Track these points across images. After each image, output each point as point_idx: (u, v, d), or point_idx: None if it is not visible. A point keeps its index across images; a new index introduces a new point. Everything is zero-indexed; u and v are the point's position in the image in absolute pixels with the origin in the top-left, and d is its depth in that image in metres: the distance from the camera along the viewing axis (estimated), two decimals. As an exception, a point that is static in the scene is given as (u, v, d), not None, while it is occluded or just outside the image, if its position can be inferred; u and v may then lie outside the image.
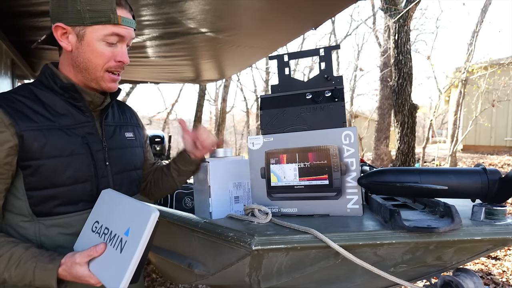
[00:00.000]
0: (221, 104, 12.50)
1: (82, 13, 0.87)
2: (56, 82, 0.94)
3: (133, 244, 0.77)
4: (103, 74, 0.94)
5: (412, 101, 4.84)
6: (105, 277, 0.78)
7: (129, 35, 0.96)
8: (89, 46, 0.91)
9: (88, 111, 0.98)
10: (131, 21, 0.95)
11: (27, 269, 0.82)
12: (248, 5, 2.57)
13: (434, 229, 0.85)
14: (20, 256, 0.83)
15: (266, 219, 1.02)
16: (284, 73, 1.26)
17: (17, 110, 0.86)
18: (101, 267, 0.80)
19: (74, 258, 0.82)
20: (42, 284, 0.83)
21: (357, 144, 1.09)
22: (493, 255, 3.56)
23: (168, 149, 5.42)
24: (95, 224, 0.88)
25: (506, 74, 9.01)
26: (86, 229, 0.90)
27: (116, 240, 0.80)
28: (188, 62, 4.45)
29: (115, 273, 0.76)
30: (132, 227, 0.79)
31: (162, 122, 16.94)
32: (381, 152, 9.58)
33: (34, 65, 4.73)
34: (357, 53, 24.38)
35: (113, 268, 0.77)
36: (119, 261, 0.77)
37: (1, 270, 0.82)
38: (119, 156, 1.04)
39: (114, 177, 1.01)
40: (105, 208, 0.90)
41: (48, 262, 0.83)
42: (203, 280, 1.17)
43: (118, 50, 0.94)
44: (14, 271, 0.82)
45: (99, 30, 0.90)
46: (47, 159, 0.87)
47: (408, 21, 4.75)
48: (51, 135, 0.88)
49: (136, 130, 1.17)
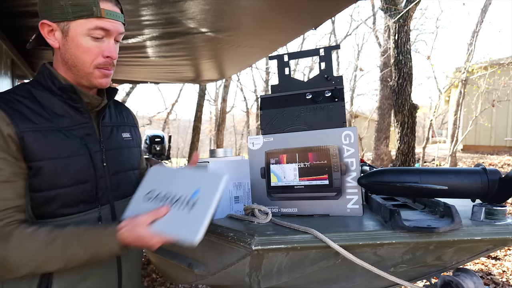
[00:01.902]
0: (221, 104, 12.50)
1: (65, 8, 0.86)
2: (55, 82, 0.93)
3: (206, 201, 0.82)
4: (92, 70, 0.93)
5: (412, 101, 4.84)
6: (178, 233, 0.82)
7: (115, 29, 0.92)
8: (74, 42, 0.89)
9: (86, 112, 0.97)
10: (117, 14, 0.92)
11: (88, 238, 0.83)
12: (248, 5, 2.57)
13: (434, 229, 0.85)
14: (76, 232, 0.84)
15: (266, 219, 1.02)
16: (284, 73, 1.26)
17: (17, 111, 0.85)
18: (168, 226, 0.84)
19: (136, 220, 0.84)
20: (106, 250, 0.84)
21: (357, 144, 1.09)
22: (493, 255, 3.56)
23: (168, 149, 5.43)
24: (148, 194, 0.94)
25: (506, 74, 9.01)
26: (136, 200, 0.96)
27: (182, 202, 0.86)
28: (188, 62, 4.45)
29: (189, 228, 0.80)
30: (202, 189, 0.86)
31: (162, 122, 16.95)
32: (381, 152, 9.59)
33: (34, 65, 4.73)
34: (357, 53, 24.40)
35: (185, 224, 0.82)
36: (191, 218, 0.82)
37: (63, 249, 0.81)
38: (116, 156, 1.03)
39: (112, 177, 1.00)
40: (160, 180, 0.96)
41: (105, 228, 0.85)
42: (203, 280, 1.17)
43: (105, 45, 0.92)
44: (76, 246, 0.82)
45: (82, 25, 0.88)
46: (48, 160, 0.87)
47: (408, 21, 4.75)
48: (50, 136, 0.88)
49: (132, 130, 1.16)
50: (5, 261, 0.79)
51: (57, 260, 0.82)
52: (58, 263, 0.82)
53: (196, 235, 0.78)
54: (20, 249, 0.79)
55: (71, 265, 0.84)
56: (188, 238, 0.79)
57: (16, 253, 0.79)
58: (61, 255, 0.82)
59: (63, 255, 0.82)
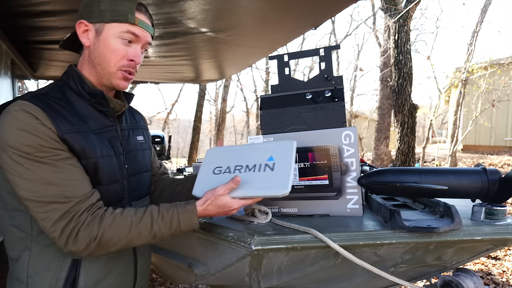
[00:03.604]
0: (221, 104, 12.50)
1: (103, 12, 0.95)
2: (84, 87, 0.97)
3: (284, 162, 0.94)
4: (115, 70, 0.98)
5: (412, 101, 4.84)
6: (266, 190, 0.91)
7: (144, 37, 1.00)
8: (104, 42, 0.96)
9: (112, 116, 1.02)
10: (148, 25, 1.01)
11: (171, 216, 0.92)
12: (248, 5, 2.57)
13: (434, 229, 0.85)
14: (159, 210, 0.92)
15: (266, 219, 1.02)
16: (284, 73, 1.26)
17: (57, 113, 0.89)
18: (249, 189, 0.93)
19: (215, 192, 0.93)
20: (187, 223, 0.93)
21: (357, 144, 1.09)
22: (493, 255, 3.56)
23: (168, 149, 5.42)
24: (216, 169, 1.02)
25: (506, 74, 9.01)
26: (204, 176, 1.04)
27: (259, 168, 0.96)
28: (188, 62, 4.45)
29: (277, 182, 0.90)
30: (275, 156, 0.97)
31: (162, 122, 16.94)
32: (381, 152, 9.58)
33: (34, 65, 4.73)
34: (357, 53, 24.35)
35: (271, 181, 0.92)
36: (275, 175, 0.92)
37: (150, 225, 0.90)
38: (134, 158, 1.08)
39: (130, 179, 1.05)
40: (223, 157, 1.05)
41: (185, 205, 0.94)
42: (203, 280, 1.17)
43: (132, 50, 0.99)
44: (162, 222, 0.91)
45: (116, 28, 0.96)
46: (88, 159, 0.91)
47: (408, 21, 4.75)
48: (88, 137, 0.92)
49: (145, 133, 1.21)
50: (100, 239, 0.87)
51: (144, 235, 0.90)
52: (145, 238, 0.91)
53: (287, 184, 0.88)
54: (112, 228, 0.88)
55: (156, 240, 0.93)
56: (279, 190, 0.88)
57: (109, 232, 0.87)
58: (148, 232, 0.90)
59: (150, 232, 0.90)
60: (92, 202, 0.88)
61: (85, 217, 0.86)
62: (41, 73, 5.31)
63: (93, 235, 0.86)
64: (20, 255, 0.92)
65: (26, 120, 0.83)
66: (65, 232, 0.84)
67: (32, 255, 0.92)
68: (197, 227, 0.94)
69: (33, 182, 0.83)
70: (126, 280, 1.05)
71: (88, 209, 0.87)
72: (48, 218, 0.84)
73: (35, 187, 0.83)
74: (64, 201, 0.85)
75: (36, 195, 0.83)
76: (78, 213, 0.85)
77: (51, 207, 0.84)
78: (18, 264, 0.93)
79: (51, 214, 0.84)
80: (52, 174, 0.84)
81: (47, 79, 5.84)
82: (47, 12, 2.43)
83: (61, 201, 0.84)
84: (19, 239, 0.92)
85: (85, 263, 0.93)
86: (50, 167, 0.84)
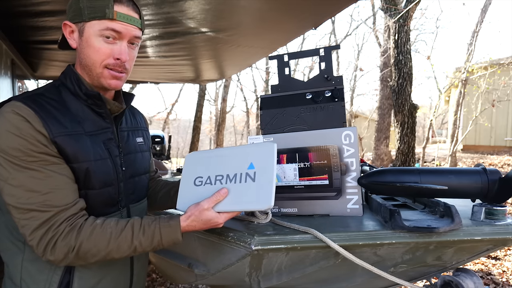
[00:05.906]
0: (221, 104, 12.50)
1: (82, 10, 0.90)
2: (81, 88, 0.94)
3: (265, 170, 0.88)
4: (101, 70, 0.94)
5: (412, 101, 4.84)
6: (247, 204, 0.88)
7: (127, 32, 0.93)
8: (87, 42, 0.92)
9: (108, 118, 0.99)
10: (130, 17, 0.93)
11: (153, 230, 0.88)
12: (248, 5, 2.57)
13: (434, 229, 0.85)
14: (141, 224, 0.89)
15: (266, 219, 1.02)
16: (284, 73, 1.26)
17: (49, 115, 0.86)
18: (233, 202, 0.89)
19: (200, 206, 0.89)
20: (169, 239, 0.89)
21: (357, 144, 1.09)
22: (493, 255, 3.56)
23: (168, 149, 5.42)
24: (197, 179, 0.97)
25: (506, 74, 9.00)
26: (185, 188, 0.98)
27: (240, 177, 0.90)
28: (188, 62, 4.45)
29: (260, 195, 0.86)
30: (255, 162, 0.91)
31: (162, 122, 16.94)
32: (381, 152, 9.58)
33: (34, 65, 4.73)
34: (357, 53, 24.36)
35: (254, 193, 0.87)
36: (258, 187, 0.87)
37: (130, 239, 0.87)
38: (132, 161, 1.06)
39: (128, 181, 1.03)
40: (203, 164, 0.98)
41: (169, 219, 0.90)
42: (203, 280, 1.17)
43: (117, 48, 0.93)
44: (143, 237, 0.87)
45: (95, 25, 0.91)
46: (79, 163, 0.89)
47: (408, 21, 4.75)
48: (80, 140, 0.90)
49: (144, 134, 1.18)
50: (78, 250, 0.84)
51: (124, 249, 0.87)
52: (125, 252, 0.88)
53: (270, 199, 0.84)
54: (91, 239, 0.85)
55: (136, 253, 0.90)
56: (262, 204, 0.85)
57: (87, 243, 0.84)
58: (128, 246, 0.87)
59: (130, 246, 0.87)
60: (73, 212, 0.86)
61: (64, 227, 0.83)
62: (41, 73, 5.31)
63: (71, 245, 0.83)
64: (14, 258, 0.91)
65: (16, 123, 0.81)
66: (43, 241, 0.82)
67: (26, 258, 0.91)
68: (180, 242, 0.91)
69: (16, 188, 0.82)
70: (121, 283, 1.03)
71: (68, 219, 0.85)
72: (28, 225, 0.82)
73: (18, 193, 0.82)
74: (45, 210, 0.83)
75: (18, 201, 0.82)
76: (57, 223, 0.83)
77: (31, 214, 0.82)
78: (12, 266, 0.92)
79: (31, 222, 0.82)
80: (36, 181, 0.82)
81: (47, 79, 5.84)
82: (47, 12, 2.43)
83: (42, 209, 0.82)
84: (13, 241, 0.91)
85: (79, 267, 0.92)
86: (35, 173, 0.82)
